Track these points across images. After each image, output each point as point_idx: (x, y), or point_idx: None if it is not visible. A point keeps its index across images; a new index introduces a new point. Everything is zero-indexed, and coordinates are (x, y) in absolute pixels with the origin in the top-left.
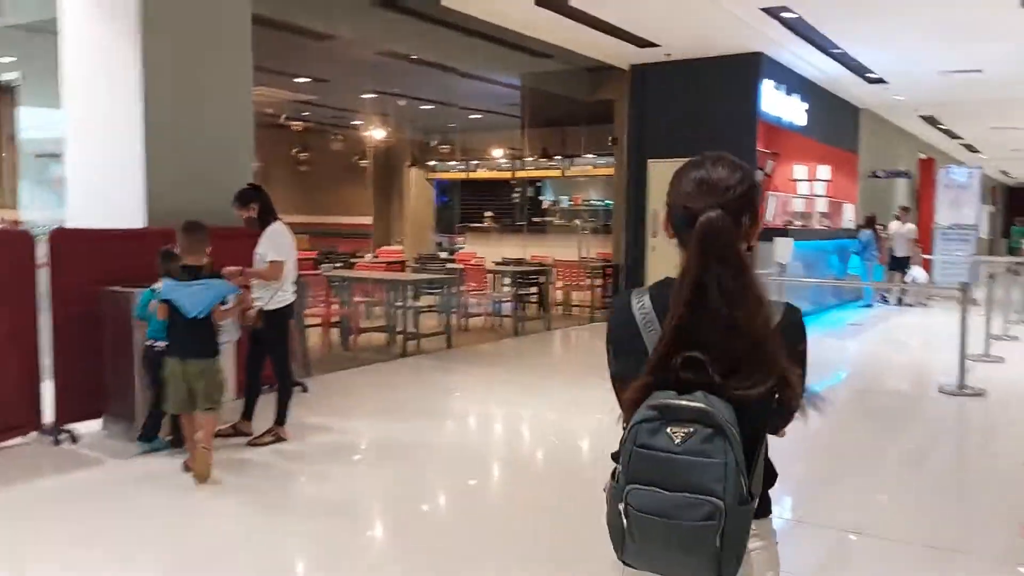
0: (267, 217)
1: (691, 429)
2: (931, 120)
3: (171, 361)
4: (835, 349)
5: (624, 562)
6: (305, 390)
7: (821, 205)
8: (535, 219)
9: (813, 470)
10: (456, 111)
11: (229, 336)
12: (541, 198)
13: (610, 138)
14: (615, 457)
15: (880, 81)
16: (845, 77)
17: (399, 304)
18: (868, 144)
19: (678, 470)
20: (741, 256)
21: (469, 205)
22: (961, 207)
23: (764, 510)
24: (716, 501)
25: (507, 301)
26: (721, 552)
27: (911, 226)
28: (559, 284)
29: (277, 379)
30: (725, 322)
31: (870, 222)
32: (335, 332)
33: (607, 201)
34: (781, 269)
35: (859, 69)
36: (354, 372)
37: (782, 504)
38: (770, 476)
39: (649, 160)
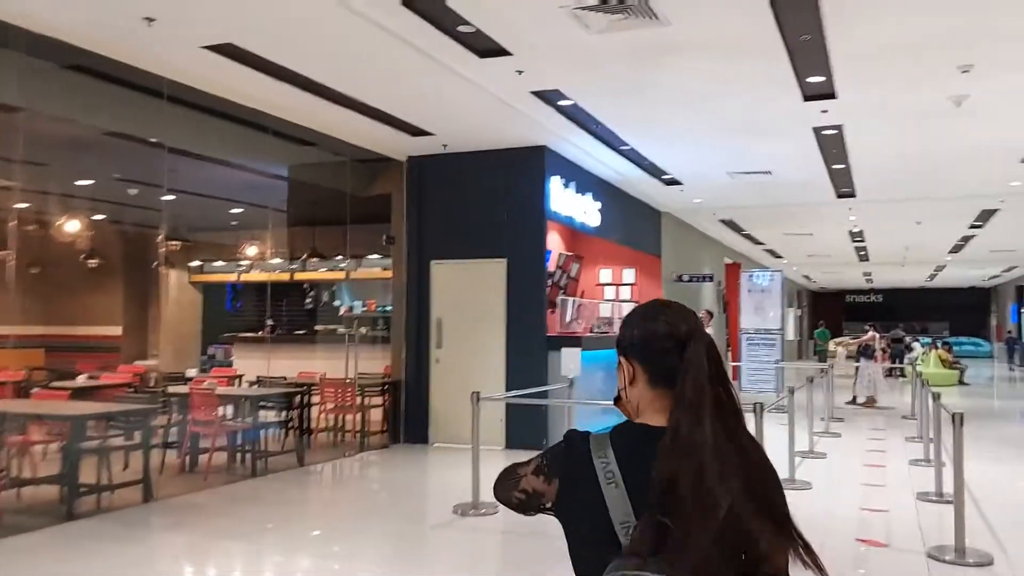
0: None
1: None
2: (731, 225)
3: None
4: None
5: None
6: None
7: (628, 311)
8: (319, 327)
9: None
10: (214, 204)
11: None
12: (337, 303)
13: (384, 236)
14: None
15: (675, 183)
16: (640, 177)
17: (81, 445)
18: (672, 247)
19: None
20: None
21: (247, 312)
22: (765, 311)
23: None
24: None
25: (248, 429)
26: None
27: (710, 332)
28: (328, 406)
29: None
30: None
31: None
32: None
33: None
34: (569, 385)
35: (653, 169)
36: None
37: None
38: None
39: (432, 261)
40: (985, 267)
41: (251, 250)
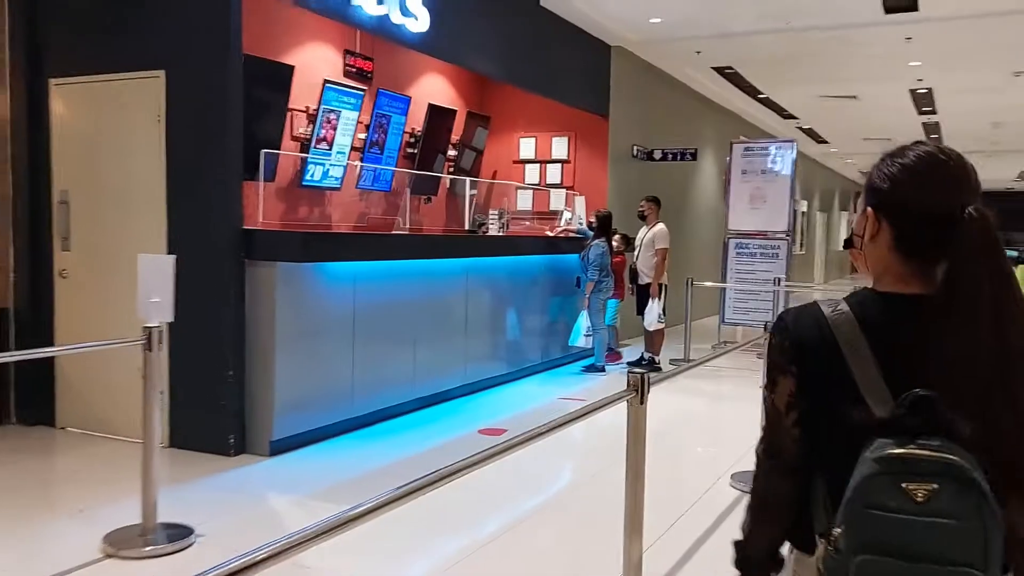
0: None
1: (935, 485)
2: (735, 78)
3: None
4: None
5: None
6: None
7: (558, 200)
8: None
9: None
10: None
11: None
12: None
13: None
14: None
15: None
16: None
17: None
18: (631, 107)
19: (923, 536)
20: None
21: None
22: (768, 205)
23: None
24: (975, 573)
25: None
26: None
27: (660, 228)
28: None
29: None
30: (985, 348)
31: (604, 226)
32: None
33: None
34: (147, 344)
35: None
36: None
37: None
38: None
39: (53, 81)
40: None
41: None
